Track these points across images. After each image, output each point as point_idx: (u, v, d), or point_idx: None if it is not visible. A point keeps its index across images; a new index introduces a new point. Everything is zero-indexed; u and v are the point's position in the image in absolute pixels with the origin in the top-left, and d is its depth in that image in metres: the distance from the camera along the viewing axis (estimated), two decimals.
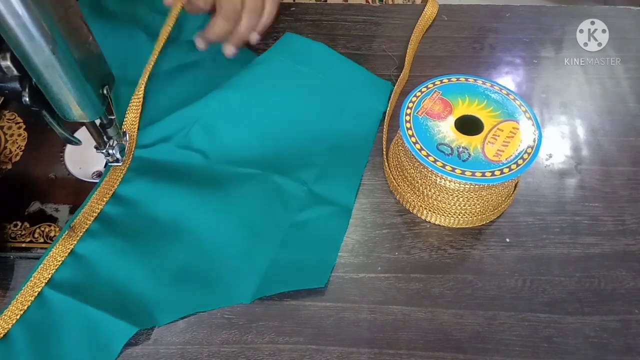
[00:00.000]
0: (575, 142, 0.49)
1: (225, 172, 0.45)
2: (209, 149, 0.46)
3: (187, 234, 0.42)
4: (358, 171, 0.46)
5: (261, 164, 0.46)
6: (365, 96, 0.50)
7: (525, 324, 0.38)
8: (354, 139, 0.48)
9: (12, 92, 0.35)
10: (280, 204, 0.43)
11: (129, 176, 0.45)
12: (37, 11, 0.30)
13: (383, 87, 0.52)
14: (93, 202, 0.43)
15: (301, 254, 0.41)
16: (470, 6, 0.61)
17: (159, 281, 0.39)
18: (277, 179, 0.44)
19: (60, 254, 0.40)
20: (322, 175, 0.45)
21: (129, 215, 0.43)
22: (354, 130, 0.49)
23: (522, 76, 0.54)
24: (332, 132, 0.48)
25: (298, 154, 0.47)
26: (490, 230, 0.43)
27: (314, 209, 0.43)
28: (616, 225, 0.43)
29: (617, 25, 0.58)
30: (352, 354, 0.37)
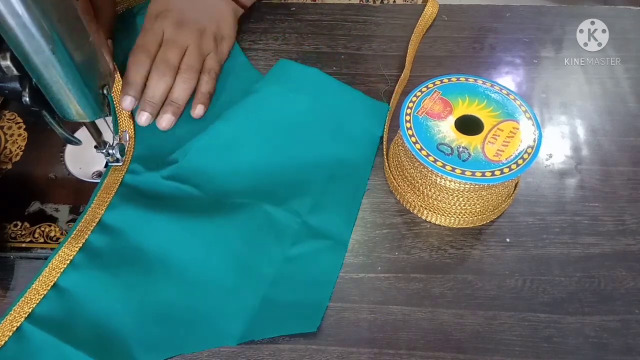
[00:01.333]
0: (575, 142, 0.49)
1: (216, 202, 0.43)
2: (198, 182, 0.44)
3: (173, 268, 0.40)
4: (355, 201, 0.44)
5: (253, 193, 0.44)
6: (361, 120, 0.48)
7: (525, 324, 0.38)
8: (351, 165, 0.46)
9: (12, 92, 0.35)
10: (272, 236, 0.41)
11: (116, 202, 0.43)
12: (37, 11, 0.30)
13: (379, 109, 0.49)
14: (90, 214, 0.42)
15: (292, 294, 0.39)
16: (470, 6, 0.61)
17: (142, 319, 0.37)
18: (270, 210, 0.42)
19: (43, 287, 0.38)
20: (317, 205, 0.43)
21: (114, 246, 0.41)
22: (351, 156, 0.46)
23: (522, 76, 0.54)
24: (328, 160, 0.46)
25: (292, 183, 0.45)
26: (490, 230, 0.43)
27: (307, 242, 0.41)
28: (616, 225, 0.43)
29: (617, 25, 0.58)
30: (352, 354, 0.37)
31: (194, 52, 0.50)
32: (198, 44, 0.50)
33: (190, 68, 0.49)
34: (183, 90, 0.49)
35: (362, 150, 0.47)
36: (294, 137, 0.47)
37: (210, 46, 0.52)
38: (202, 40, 0.51)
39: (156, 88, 0.48)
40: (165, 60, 0.48)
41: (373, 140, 0.48)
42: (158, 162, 0.46)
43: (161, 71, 0.48)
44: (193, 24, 0.51)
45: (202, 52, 0.51)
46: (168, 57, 0.48)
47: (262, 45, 0.56)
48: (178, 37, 0.50)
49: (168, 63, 0.48)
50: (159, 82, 0.48)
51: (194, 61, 0.50)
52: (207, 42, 0.51)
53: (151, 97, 0.48)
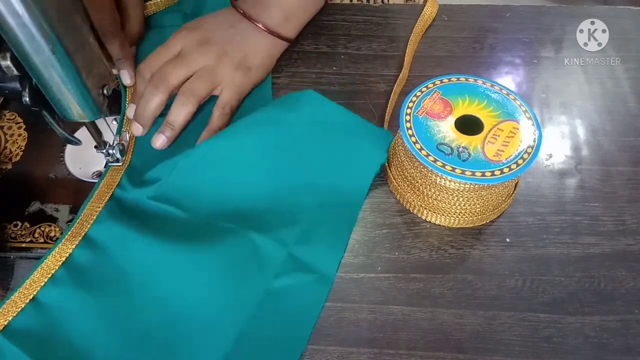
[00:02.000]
0: (575, 142, 0.49)
1: (200, 227, 0.42)
2: (184, 203, 0.43)
3: (152, 294, 0.38)
4: (346, 232, 0.42)
5: (241, 218, 0.42)
6: (360, 147, 0.45)
7: (525, 324, 0.38)
8: (345, 193, 0.44)
9: (12, 92, 0.35)
10: (256, 268, 0.40)
11: (103, 216, 0.41)
12: (37, 11, 0.30)
13: (382, 137, 0.46)
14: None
15: (271, 330, 0.38)
16: (470, 6, 0.61)
17: (118, 344, 0.36)
18: (256, 238, 0.41)
19: (22, 300, 0.37)
20: (305, 234, 0.42)
21: (97, 263, 0.40)
22: (345, 184, 0.44)
23: (522, 76, 0.54)
24: (322, 185, 0.44)
25: (282, 208, 0.43)
26: (490, 230, 0.43)
27: (291, 276, 0.40)
28: (616, 225, 0.43)
29: (617, 25, 0.58)
30: (352, 354, 0.37)
31: (202, 76, 0.46)
32: (212, 68, 0.47)
33: (189, 92, 0.46)
34: (179, 114, 0.46)
35: (358, 178, 0.45)
36: (287, 160, 0.44)
37: (227, 74, 0.47)
38: (219, 66, 0.47)
39: (146, 103, 0.46)
40: (163, 76, 0.46)
41: (371, 169, 0.45)
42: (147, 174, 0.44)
43: (154, 85, 0.46)
44: (215, 46, 0.48)
45: (214, 79, 0.47)
46: (167, 73, 0.46)
47: None
48: (192, 55, 0.47)
49: (164, 79, 0.46)
50: (150, 97, 0.46)
51: (200, 85, 0.46)
52: (224, 68, 0.47)
53: (141, 111, 0.46)
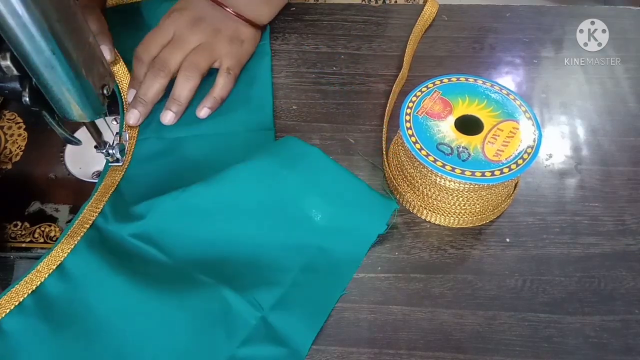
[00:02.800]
0: (575, 142, 0.49)
1: (177, 274, 0.39)
2: (166, 244, 0.41)
3: (113, 340, 0.37)
4: (327, 304, 0.39)
5: (218, 270, 0.40)
6: (358, 214, 0.42)
7: (525, 324, 0.38)
8: (336, 260, 0.41)
9: (12, 92, 0.35)
10: (223, 331, 0.37)
11: (81, 247, 0.40)
12: (37, 11, 0.30)
13: (385, 206, 0.42)
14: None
15: None
16: (470, 6, 0.61)
17: None
18: (229, 296, 0.38)
19: None
20: (284, 299, 0.38)
21: (65, 297, 0.38)
22: (339, 249, 0.41)
23: (522, 76, 0.54)
24: (311, 247, 0.41)
25: (264, 267, 0.40)
26: (490, 230, 0.43)
27: (260, 346, 0.36)
28: (616, 225, 0.43)
29: (617, 25, 0.58)
30: (352, 354, 0.37)
31: (201, 51, 0.48)
32: (208, 44, 0.49)
33: (192, 65, 0.47)
34: (184, 89, 0.47)
35: (353, 246, 0.41)
36: (278, 216, 0.42)
37: (224, 48, 0.49)
38: (214, 41, 0.49)
39: (147, 88, 0.47)
40: (163, 60, 0.47)
41: (368, 238, 0.42)
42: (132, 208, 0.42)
43: (156, 70, 0.47)
44: (207, 24, 0.49)
45: (213, 53, 0.49)
46: (167, 57, 0.48)
47: None
48: (187, 37, 0.49)
49: (165, 63, 0.47)
50: (152, 82, 0.47)
51: (200, 59, 0.48)
52: (220, 43, 0.49)
53: (143, 95, 0.47)
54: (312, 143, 0.49)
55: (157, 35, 0.49)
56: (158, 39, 0.49)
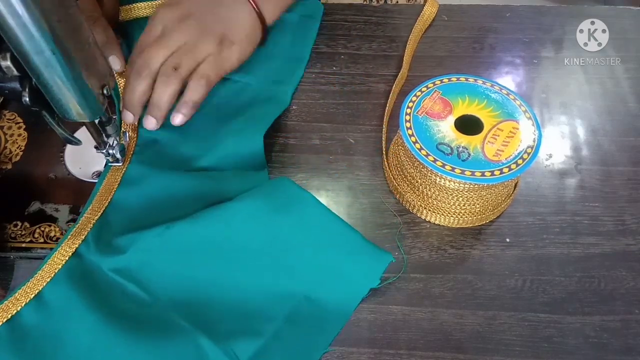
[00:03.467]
0: (575, 142, 0.49)
1: (153, 315, 0.38)
2: (146, 279, 0.39)
3: None
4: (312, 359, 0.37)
5: (197, 314, 0.38)
6: (353, 265, 0.39)
7: (525, 324, 0.38)
8: (324, 311, 0.38)
9: (12, 92, 0.35)
10: None
11: (61, 276, 0.39)
12: (37, 11, 0.30)
13: (380, 259, 0.40)
14: None
15: None
16: (470, 6, 0.61)
17: None
18: (205, 346, 0.36)
19: None
20: (263, 352, 0.36)
21: (40, 330, 0.37)
22: (329, 300, 0.39)
23: (522, 76, 0.54)
24: (297, 296, 0.39)
25: (245, 314, 0.38)
26: (490, 230, 0.43)
27: None
28: (616, 225, 0.43)
29: (617, 25, 0.58)
30: (352, 354, 0.37)
31: (183, 53, 0.45)
32: (193, 44, 0.45)
33: (171, 70, 0.44)
34: (162, 93, 0.44)
35: (341, 298, 0.39)
36: (264, 260, 0.40)
37: (209, 49, 0.46)
38: (201, 40, 0.45)
39: (132, 90, 0.45)
40: (144, 61, 0.45)
41: (358, 291, 0.39)
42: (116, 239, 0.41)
43: (137, 72, 0.45)
44: (196, 21, 0.46)
45: (196, 55, 0.45)
46: (148, 57, 0.45)
47: None
48: (171, 35, 0.45)
49: (146, 64, 0.44)
50: (133, 83, 0.45)
51: (180, 62, 0.44)
52: (206, 43, 0.45)
53: (128, 99, 0.45)
54: (312, 143, 0.49)
55: (146, 35, 0.47)
56: (147, 39, 0.46)
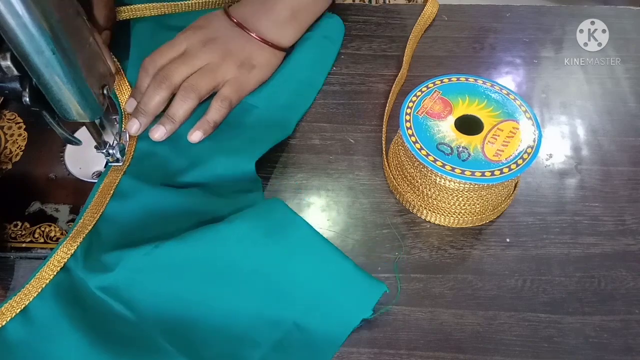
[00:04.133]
0: (575, 142, 0.49)
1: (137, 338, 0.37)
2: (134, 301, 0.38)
3: None
4: None
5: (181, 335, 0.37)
6: (344, 293, 0.38)
7: (525, 324, 0.38)
8: (312, 340, 0.37)
9: (12, 92, 0.35)
10: None
11: (48, 291, 0.38)
12: (37, 11, 0.30)
13: (373, 289, 0.38)
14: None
15: None
16: (470, 6, 0.61)
17: None
18: None
19: None
20: None
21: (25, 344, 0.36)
22: (317, 328, 0.37)
23: (522, 76, 0.54)
24: (286, 323, 0.38)
25: (231, 338, 0.37)
26: (490, 230, 0.43)
27: None
28: (616, 225, 0.43)
29: (617, 25, 0.58)
30: (352, 354, 0.37)
31: (205, 73, 0.47)
32: (215, 66, 0.48)
33: (191, 87, 0.46)
34: (180, 108, 0.46)
35: (331, 326, 0.37)
36: (254, 284, 0.38)
37: (230, 72, 0.48)
38: (223, 63, 0.48)
39: (149, 99, 0.46)
40: (166, 73, 0.47)
41: (349, 321, 0.38)
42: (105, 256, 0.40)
43: (157, 83, 0.46)
44: (219, 44, 0.48)
45: (217, 76, 0.47)
46: (172, 70, 0.47)
47: None
48: (196, 55, 0.48)
49: (168, 76, 0.46)
50: (152, 94, 0.46)
51: (202, 81, 0.47)
52: (228, 66, 0.48)
53: (144, 106, 0.46)
54: (312, 143, 0.49)
55: (168, 48, 0.49)
56: (168, 52, 0.48)
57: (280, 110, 0.49)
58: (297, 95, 0.51)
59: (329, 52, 0.55)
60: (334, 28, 0.56)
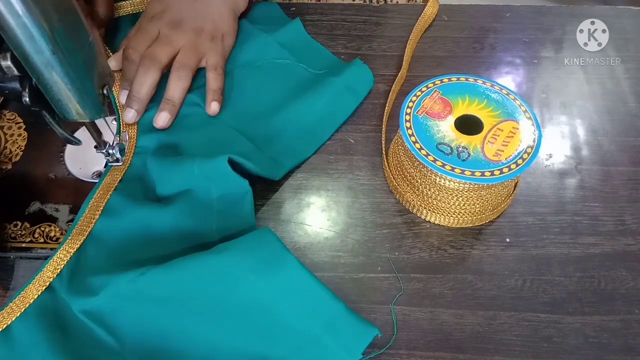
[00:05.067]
0: (575, 142, 0.49)
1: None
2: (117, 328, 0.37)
3: None
4: None
5: None
6: (333, 335, 0.36)
7: (525, 324, 0.38)
8: None
9: (12, 92, 0.35)
10: None
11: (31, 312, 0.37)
12: (37, 11, 0.30)
13: (364, 332, 0.36)
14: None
15: None
16: (470, 6, 0.61)
17: None
18: None
19: None
20: None
21: None
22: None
23: (522, 76, 0.54)
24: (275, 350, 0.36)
25: None
26: (490, 230, 0.43)
27: None
28: (616, 225, 0.43)
29: (617, 25, 0.58)
30: None
31: (188, 51, 0.50)
32: (193, 43, 0.50)
33: (182, 65, 0.49)
34: (177, 88, 0.48)
35: None
36: (238, 320, 0.37)
37: (207, 45, 0.51)
38: (198, 40, 0.51)
39: (141, 83, 0.47)
40: (152, 56, 0.48)
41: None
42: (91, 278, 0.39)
43: (146, 66, 0.47)
44: (188, 25, 0.51)
45: (198, 52, 0.50)
46: (155, 52, 0.48)
47: None
48: (172, 37, 0.50)
49: (154, 58, 0.48)
50: (143, 77, 0.47)
51: (188, 59, 0.49)
52: (203, 41, 0.51)
53: (136, 93, 0.47)
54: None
55: (143, 35, 0.50)
56: (144, 38, 0.50)
57: (274, 153, 0.46)
58: (295, 141, 0.48)
59: (346, 106, 0.50)
60: (361, 79, 0.52)
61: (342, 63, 0.54)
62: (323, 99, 0.49)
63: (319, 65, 0.53)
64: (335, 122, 0.50)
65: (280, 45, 0.54)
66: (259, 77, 0.52)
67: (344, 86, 0.50)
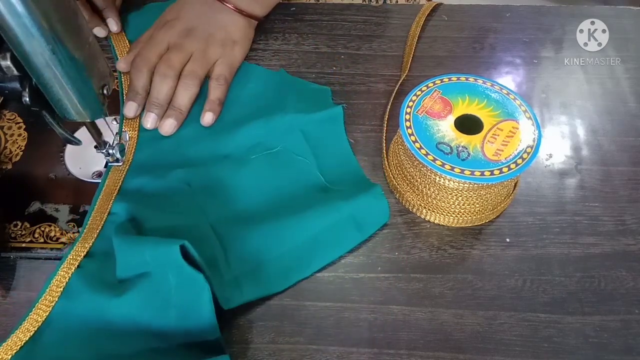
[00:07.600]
0: (575, 142, 0.49)
1: None
2: None
3: None
4: None
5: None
6: None
7: (525, 324, 0.38)
8: None
9: (12, 92, 0.35)
10: None
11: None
12: (37, 11, 0.30)
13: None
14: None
15: None
16: (470, 6, 0.61)
17: None
18: None
19: None
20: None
21: None
22: None
23: (522, 76, 0.54)
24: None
25: None
26: (490, 230, 0.43)
27: None
28: (616, 225, 0.43)
29: (617, 25, 0.58)
30: (352, 354, 0.37)
31: (198, 59, 0.50)
32: (203, 51, 0.51)
33: (191, 73, 0.49)
34: (184, 96, 0.49)
35: None
36: None
37: (217, 53, 0.51)
38: (208, 48, 0.51)
39: (159, 90, 0.49)
40: (167, 63, 0.49)
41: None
42: None
43: (162, 73, 0.49)
44: (199, 32, 0.51)
45: (208, 59, 0.51)
46: (170, 59, 0.49)
47: (262, 45, 0.56)
48: (182, 45, 0.50)
49: (169, 65, 0.49)
50: (161, 84, 0.49)
51: (197, 67, 0.50)
52: (213, 49, 0.51)
53: (155, 99, 0.49)
54: None
55: (153, 45, 0.51)
56: (155, 49, 0.50)
57: (239, 273, 0.40)
58: (269, 269, 0.40)
59: (347, 242, 0.42)
60: (373, 213, 0.43)
61: (361, 174, 0.45)
62: (321, 225, 0.41)
63: (335, 162, 0.46)
64: (326, 258, 0.41)
65: (302, 132, 0.47)
66: (263, 166, 0.45)
67: (351, 217, 0.42)
